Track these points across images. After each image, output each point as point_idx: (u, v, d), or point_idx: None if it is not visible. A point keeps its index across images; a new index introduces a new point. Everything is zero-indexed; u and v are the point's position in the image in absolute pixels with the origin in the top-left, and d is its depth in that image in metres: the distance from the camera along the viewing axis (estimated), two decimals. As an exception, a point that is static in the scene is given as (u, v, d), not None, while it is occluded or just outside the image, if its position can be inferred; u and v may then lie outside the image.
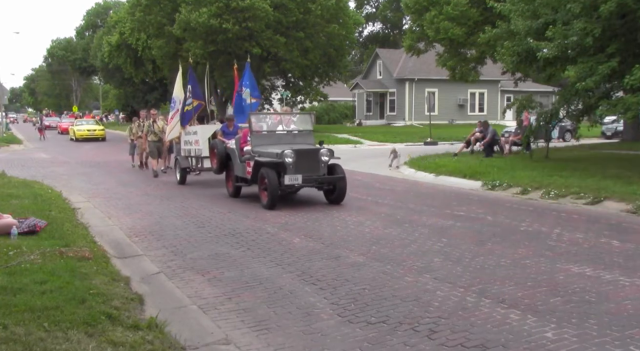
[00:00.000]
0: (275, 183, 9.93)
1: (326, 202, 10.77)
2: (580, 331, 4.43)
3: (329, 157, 10.49)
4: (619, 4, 11.90)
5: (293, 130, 11.41)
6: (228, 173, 12.07)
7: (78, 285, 5.20)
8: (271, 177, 9.95)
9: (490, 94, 47.98)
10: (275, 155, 10.16)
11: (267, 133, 11.14)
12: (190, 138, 14.27)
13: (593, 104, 13.94)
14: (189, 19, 29.59)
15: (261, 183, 10.28)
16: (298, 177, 10.07)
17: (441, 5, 23.10)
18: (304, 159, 10.27)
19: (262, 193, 10.32)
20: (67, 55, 75.39)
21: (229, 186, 12.01)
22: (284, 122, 11.61)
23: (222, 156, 12.06)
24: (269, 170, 10.06)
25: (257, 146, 10.69)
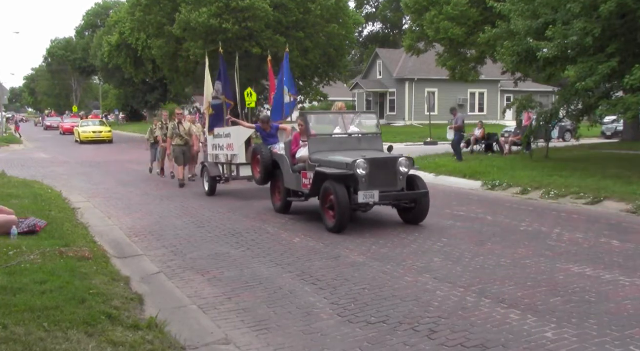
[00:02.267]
0: (345, 201, 7.91)
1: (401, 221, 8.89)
2: (580, 331, 4.43)
3: (409, 168, 8.46)
4: (619, 4, 11.90)
5: (357, 133, 9.48)
6: (275, 185, 10.11)
7: (78, 285, 5.20)
8: (340, 193, 7.92)
9: (490, 94, 47.96)
10: (344, 166, 8.16)
11: (326, 137, 9.23)
12: (221, 142, 12.31)
13: (593, 104, 13.94)
14: (189, 19, 29.60)
15: (325, 200, 8.28)
16: (374, 193, 8.06)
17: (441, 5, 23.10)
18: (380, 170, 8.25)
19: (326, 212, 8.29)
20: (67, 55, 75.41)
21: (275, 200, 10.08)
22: (346, 122, 9.57)
23: (268, 164, 10.01)
24: (337, 185, 8.03)
25: (316, 153, 8.81)
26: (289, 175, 9.42)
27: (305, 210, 10.03)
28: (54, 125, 51.23)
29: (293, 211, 10.00)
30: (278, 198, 10.00)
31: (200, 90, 49.32)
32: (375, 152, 8.89)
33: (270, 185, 10.27)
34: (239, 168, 11.88)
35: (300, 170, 9.13)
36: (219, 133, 12.42)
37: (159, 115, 17.55)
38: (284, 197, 9.70)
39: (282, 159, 9.73)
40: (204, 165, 12.72)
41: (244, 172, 11.78)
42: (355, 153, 8.55)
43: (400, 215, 8.88)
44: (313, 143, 9.00)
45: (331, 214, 8.15)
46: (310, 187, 8.66)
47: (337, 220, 8.00)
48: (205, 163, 12.88)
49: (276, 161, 9.92)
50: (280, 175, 9.77)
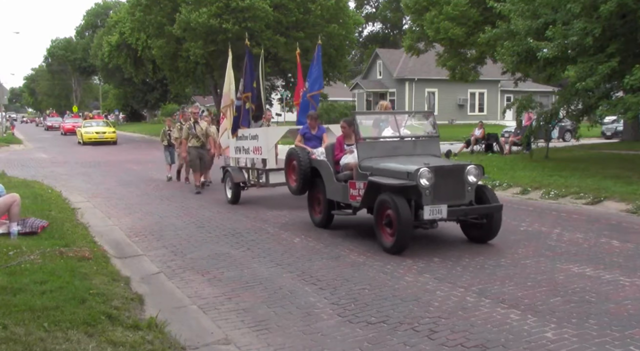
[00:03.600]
0: (408, 217, 6.65)
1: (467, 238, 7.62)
2: (580, 331, 4.43)
3: (478, 177, 7.19)
4: (619, 4, 11.90)
5: (411, 136, 8.26)
6: (314, 195, 8.78)
7: (78, 285, 5.20)
8: (402, 208, 6.67)
9: (490, 94, 47.97)
10: (404, 175, 6.91)
11: (377, 141, 7.98)
12: (247, 144, 10.97)
13: (593, 104, 13.94)
14: (189, 19, 29.58)
15: (381, 215, 7.03)
16: (442, 208, 6.78)
17: (441, 5, 23.10)
18: (446, 180, 7.01)
19: (382, 230, 7.04)
20: (67, 55, 75.43)
21: (315, 213, 8.76)
22: (398, 123, 8.17)
23: (307, 171, 8.63)
24: (397, 198, 6.77)
25: (366, 159, 7.62)
26: (333, 185, 8.13)
27: (305, 210, 10.01)
28: (55, 125, 50.68)
29: (293, 211, 9.98)
30: (318, 211, 8.65)
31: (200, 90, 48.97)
32: (434, 159, 7.66)
33: (308, 196, 8.93)
34: (268, 174, 10.52)
35: (346, 179, 7.90)
36: (243, 135, 11.09)
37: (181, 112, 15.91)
38: (325, 210, 8.39)
39: (324, 166, 8.38)
40: (227, 170, 11.34)
41: (274, 178, 10.45)
42: (413, 160, 7.40)
43: (466, 232, 7.61)
44: (362, 148, 7.72)
45: (388, 232, 6.91)
46: (362, 199, 7.41)
47: (396, 239, 6.74)
48: (227, 167, 11.53)
49: (316, 168, 8.55)
50: (320, 184, 8.44)
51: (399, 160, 7.49)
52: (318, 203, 8.67)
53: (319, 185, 8.51)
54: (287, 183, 9.28)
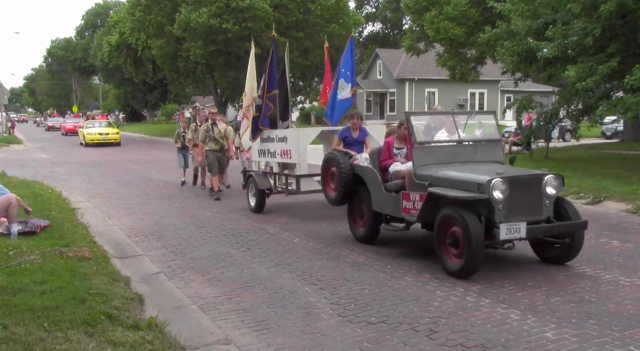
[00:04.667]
0: (479, 236, 5.66)
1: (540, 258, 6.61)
2: (580, 331, 4.43)
3: (558, 189, 6.22)
4: (619, 4, 11.91)
5: (470, 139, 7.22)
6: (356, 207, 7.72)
7: (78, 285, 5.20)
8: (473, 226, 5.67)
9: (490, 94, 47.96)
10: (474, 186, 5.93)
11: (434, 146, 7.02)
12: (273, 147, 9.98)
13: (593, 104, 13.94)
14: (189, 19, 29.60)
15: (444, 233, 6.05)
16: (520, 226, 5.79)
17: (441, 5, 23.10)
18: (521, 193, 6.02)
19: (445, 250, 6.06)
20: (67, 55, 75.41)
21: (357, 226, 7.69)
22: (457, 125, 7.18)
23: (349, 179, 7.57)
24: (466, 213, 5.79)
25: (422, 166, 6.64)
26: (381, 195, 7.10)
27: (305, 210, 10.03)
28: (57, 126, 49.86)
29: (293, 211, 9.98)
30: (361, 224, 7.61)
31: (200, 90, 48.96)
32: (502, 167, 6.64)
33: (349, 207, 7.86)
34: (299, 181, 9.43)
35: (397, 189, 6.92)
36: (269, 137, 10.09)
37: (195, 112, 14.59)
38: (371, 223, 7.36)
39: (369, 174, 7.35)
40: (250, 175, 10.40)
41: (306, 185, 9.44)
42: (478, 168, 6.48)
43: (538, 251, 6.57)
44: (418, 153, 6.73)
45: (454, 253, 5.95)
46: (419, 213, 6.42)
47: (466, 261, 5.73)
48: (250, 172, 10.62)
49: (359, 175, 7.52)
50: (364, 194, 7.41)
51: (461, 168, 6.55)
52: (361, 215, 7.59)
53: (363, 195, 7.44)
54: (325, 192, 8.18)
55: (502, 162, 7.10)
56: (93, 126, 32.38)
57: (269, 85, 9.96)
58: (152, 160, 21.36)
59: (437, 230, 6.17)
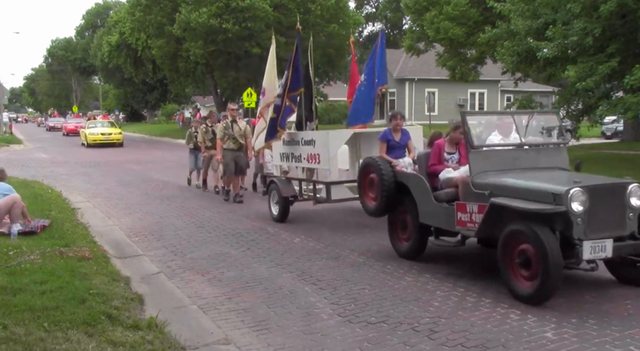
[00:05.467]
0: (557, 256, 4.90)
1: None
2: (580, 331, 4.43)
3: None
4: (619, 4, 11.91)
5: (532, 142, 6.34)
6: (398, 217, 6.88)
7: (78, 285, 5.20)
8: (549, 243, 4.90)
9: (490, 94, 47.94)
10: (549, 197, 5.11)
11: (494, 150, 6.18)
12: (298, 150, 9.16)
13: (593, 104, 13.95)
14: (189, 19, 29.61)
15: (511, 251, 5.26)
16: (606, 244, 5.11)
17: (441, 5, 23.10)
18: (603, 205, 5.25)
19: (512, 271, 5.27)
20: (67, 55, 75.41)
21: (399, 240, 6.88)
22: (519, 127, 6.36)
23: (391, 187, 6.72)
24: (540, 228, 5.02)
25: (480, 174, 5.87)
26: (430, 206, 6.31)
27: (305, 210, 10.02)
28: (58, 126, 49.21)
29: (293, 211, 9.95)
30: (404, 237, 6.79)
31: (200, 90, 48.87)
32: (572, 174, 6.01)
33: (389, 218, 7.03)
34: (329, 189, 8.57)
35: (449, 199, 6.17)
36: (293, 139, 9.29)
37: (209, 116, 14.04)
38: (416, 237, 6.58)
39: (416, 181, 6.53)
40: (272, 181, 9.48)
41: (338, 193, 8.64)
42: (544, 175, 5.79)
43: (616, 271, 5.72)
44: (476, 158, 5.94)
45: (524, 274, 5.16)
46: (479, 228, 5.62)
47: (540, 284, 4.96)
48: (272, 177, 9.72)
49: (402, 183, 6.70)
50: (409, 204, 6.61)
51: (525, 175, 5.76)
52: (404, 227, 6.78)
53: (407, 205, 6.63)
54: (362, 201, 7.29)
55: (568, 168, 6.31)
56: (95, 126, 31.77)
57: (293, 84, 9.08)
58: (152, 160, 21.37)
59: (502, 247, 5.34)
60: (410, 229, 6.68)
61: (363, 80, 9.38)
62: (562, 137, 6.50)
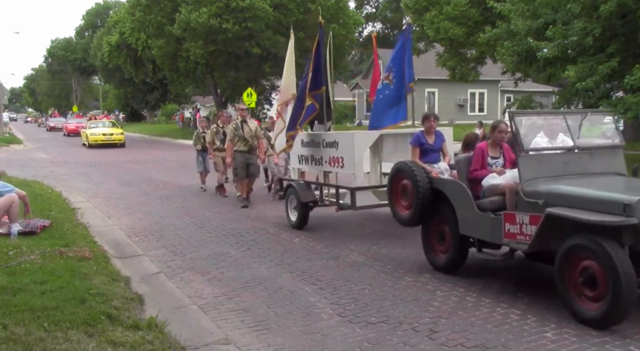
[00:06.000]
0: (630, 274, 4.38)
1: None
2: (580, 331, 4.43)
3: None
4: (619, 4, 11.92)
5: (586, 145, 5.78)
6: (433, 228, 6.29)
7: (78, 285, 5.20)
8: (620, 260, 4.39)
9: (490, 94, 47.94)
10: (618, 207, 4.55)
11: (546, 155, 5.59)
12: (318, 153, 8.58)
13: (593, 104, 13.95)
14: (189, 19, 29.61)
15: (572, 268, 4.72)
16: None
17: (441, 5, 23.13)
18: None
19: (575, 293, 4.71)
20: (67, 55, 75.43)
21: (435, 252, 6.27)
22: (571, 128, 5.75)
23: (426, 195, 6.11)
24: (607, 242, 4.49)
25: (532, 180, 5.29)
26: (472, 215, 5.70)
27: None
28: (58, 126, 48.40)
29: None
30: (441, 249, 6.19)
31: (200, 90, 48.79)
32: (633, 180, 5.57)
33: (423, 228, 6.42)
34: (354, 195, 7.80)
35: (495, 208, 5.59)
36: (312, 141, 8.68)
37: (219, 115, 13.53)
38: (456, 249, 5.98)
39: (455, 188, 5.94)
40: (290, 186, 8.93)
41: (363, 199, 7.87)
42: (603, 181, 5.31)
43: None
44: (527, 163, 5.37)
45: (589, 295, 4.61)
46: (532, 241, 5.01)
47: (609, 306, 4.41)
48: (291, 182, 9.02)
49: (439, 190, 6.09)
50: (446, 212, 6.02)
51: (582, 182, 5.21)
52: (441, 238, 6.19)
53: (445, 214, 6.04)
54: (393, 210, 6.65)
55: (625, 173, 5.80)
56: (96, 126, 31.30)
57: (315, 82, 8.41)
58: (152, 160, 21.37)
59: (561, 263, 4.79)
60: (449, 240, 6.05)
61: (391, 77, 8.71)
62: (617, 138, 5.95)
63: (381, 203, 7.81)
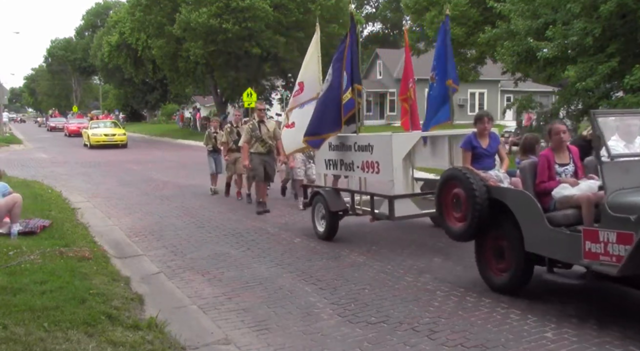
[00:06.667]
0: None
1: None
2: (580, 331, 4.43)
3: None
4: (619, 4, 11.91)
5: None
6: (490, 243, 5.55)
7: (78, 285, 5.20)
8: None
9: (490, 94, 47.96)
10: None
11: (632, 161, 4.88)
12: (349, 157, 7.76)
13: (593, 104, 13.94)
14: (189, 19, 29.62)
15: None
16: None
17: (441, 5, 23.10)
18: None
19: None
20: (67, 55, 75.46)
21: (493, 271, 5.51)
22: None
23: (484, 206, 5.36)
24: None
25: (621, 192, 4.59)
26: (541, 231, 4.96)
27: (305, 210, 10.01)
28: (59, 126, 47.62)
29: (293, 211, 9.95)
30: (500, 268, 5.43)
31: (200, 90, 48.76)
32: None
33: (477, 243, 5.70)
34: (393, 204, 6.96)
35: (569, 223, 4.90)
36: (342, 144, 7.88)
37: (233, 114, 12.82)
38: (519, 268, 5.24)
39: (520, 199, 5.20)
40: (317, 193, 8.13)
41: (403, 209, 7.04)
42: None
43: None
44: (613, 172, 4.68)
45: None
46: (624, 263, 4.25)
47: None
48: (319, 190, 8.17)
49: (499, 201, 5.35)
50: (507, 226, 5.28)
51: None
52: (500, 255, 5.42)
53: (505, 228, 5.32)
54: (444, 222, 5.93)
55: None
56: (98, 126, 30.73)
57: (351, 78, 7.66)
58: (152, 160, 21.37)
59: None
60: (510, 258, 5.29)
61: (434, 75, 8.09)
62: None
63: (422, 213, 7.16)
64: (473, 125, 6.44)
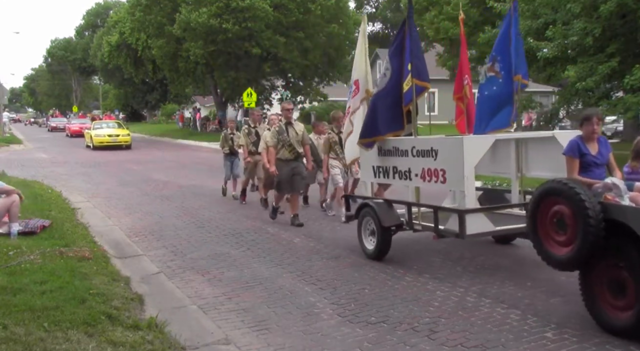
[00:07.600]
0: None
1: None
2: (580, 331, 4.43)
3: None
4: (619, 4, 11.92)
5: None
6: (605, 273, 4.41)
7: (78, 285, 5.20)
8: None
9: (491, 94, 47.92)
10: None
11: None
12: (405, 163, 6.67)
13: (593, 104, 13.96)
14: (189, 19, 29.62)
15: None
16: None
17: (441, 5, 23.13)
18: None
19: None
20: (67, 55, 75.48)
21: (608, 308, 4.39)
22: None
23: (598, 227, 4.24)
24: None
25: None
26: None
27: (305, 211, 10.01)
28: (60, 126, 47.28)
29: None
30: (620, 305, 4.32)
31: (200, 90, 48.73)
32: None
33: (585, 272, 4.56)
34: (464, 219, 5.75)
35: None
36: (396, 148, 6.80)
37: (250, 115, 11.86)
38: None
39: None
40: (365, 205, 6.97)
41: (474, 226, 5.82)
42: None
43: None
44: None
45: None
46: None
47: None
48: (368, 202, 7.00)
49: (618, 222, 4.27)
50: (628, 253, 4.19)
51: None
52: (618, 289, 4.32)
53: (625, 256, 4.22)
54: (540, 247, 4.82)
55: None
56: (101, 127, 29.84)
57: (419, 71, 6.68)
58: (152, 160, 21.37)
59: None
60: (634, 294, 4.17)
61: (497, 68, 6.77)
62: None
63: (497, 230, 6.09)
64: (579, 126, 5.31)
